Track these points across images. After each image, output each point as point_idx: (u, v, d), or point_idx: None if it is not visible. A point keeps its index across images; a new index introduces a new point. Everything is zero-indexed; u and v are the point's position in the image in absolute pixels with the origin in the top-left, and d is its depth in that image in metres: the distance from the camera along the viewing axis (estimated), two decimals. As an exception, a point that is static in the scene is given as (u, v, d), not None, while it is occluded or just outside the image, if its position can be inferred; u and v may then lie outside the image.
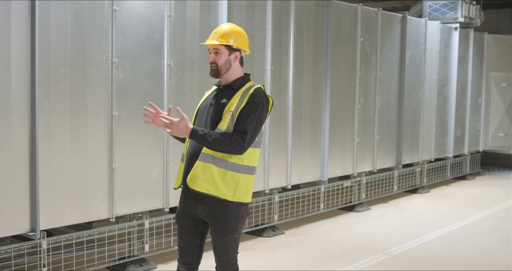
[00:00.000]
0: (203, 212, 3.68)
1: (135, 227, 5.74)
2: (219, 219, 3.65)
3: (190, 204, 3.72)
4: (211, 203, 3.64)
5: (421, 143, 10.28)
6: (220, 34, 3.72)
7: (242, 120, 3.60)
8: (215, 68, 3.70)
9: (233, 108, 3.62)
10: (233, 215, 3.65)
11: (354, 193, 8.78)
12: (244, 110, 3.61)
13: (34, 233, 4.79)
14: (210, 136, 3.52)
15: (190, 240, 3.77)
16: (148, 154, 5.67)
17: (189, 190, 3.67)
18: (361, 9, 8.51)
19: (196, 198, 3.67)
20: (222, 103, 3.67)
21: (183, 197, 3.80)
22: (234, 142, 3.53)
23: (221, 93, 3.75)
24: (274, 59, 7.03)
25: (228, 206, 3.63)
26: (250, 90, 3.68)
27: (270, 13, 6.89)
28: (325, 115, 7.94)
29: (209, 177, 3.58)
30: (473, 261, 6.36)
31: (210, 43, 3.71)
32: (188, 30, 5.95)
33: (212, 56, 3.71)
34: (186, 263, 3.81)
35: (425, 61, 10.26)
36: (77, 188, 5.10)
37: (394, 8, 13.62)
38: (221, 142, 3.52)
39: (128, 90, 5.45)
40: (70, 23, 4.96)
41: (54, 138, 4.91)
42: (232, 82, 3.74)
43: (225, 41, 3.69)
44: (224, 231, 3.66)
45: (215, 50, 3.70)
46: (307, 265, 6.07)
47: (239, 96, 3.67)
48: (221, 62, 3.69)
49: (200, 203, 3.67)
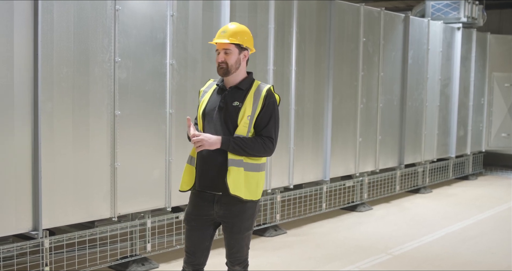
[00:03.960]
0: (219, 212, 3.70)
1: (137, 226, 5.74)
2: (236, 217, 3.69)
3: (204, 206, 3.72)
4: (229, 202, 3.67)
5: (423, 143, 10.27)
6: (230, 33, 3.69)
7: (264, 124, 3.68)
8: (225, 67, 3.68)
9: (250, 112, 3.65)
10: (249, 212, 3.73)
11: (356, 193, 8.77)
12: (263, 114, 3.67)
13: (36, 232, 4.80)
14: (243, 144, 3.59)
15: (200, 241, 3.78)
16: (151, 153, 5.68)
17: (202, 191, 3.69)
18: (363, 9, 8.50)
19: (212, 199, 3.69)
20: (235, 106, 3.66)
21: (195, 199, 3.77)
22: (266, 146, 3.65)
23: (230, 94, 3.71)
24: (277, 59, 7.03)
25: (246, 204, 3.70)
26: (263, 92, 3.71)
27: (272, 13, 6.89)
28: (327, 115, 7.94)
29: (242, 181, 3.64)
30: (475, 261, 6.35)
31: (221, 42, 3.67)
32: (190, 30, 5.95)
33: (222, 55, 3.68)
34: (193, 264, 3.81)
35: (427, 61, 10.25)
36: (80, 187, 5.11)
37: (397, 8, 13.60)
38: (254, 148, 3.62)
39: (131, 90, 5.46)
40: (73, 22, 4.96)
41: (57, 137, 4.92)
42: (239, 83, 3.73)
43: (236, 40, 3.68)
44: (241, 229, 3.72)
45: (225, 49, 3.68)
46: (309, 265, 6.06)
47: (252, 99, 3.68)
48: (231, 62, 3.69)
49: (216, 204, 3.69)
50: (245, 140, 3.62)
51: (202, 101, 3.82)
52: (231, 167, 3.61)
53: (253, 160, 3.69)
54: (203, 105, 3.80)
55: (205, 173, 3.68)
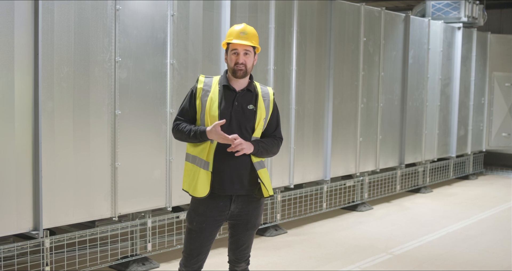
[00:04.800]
0: (234, 210, 3.74)
1: (138, 226, 5.75)
2: (252, 214, 3.78)
3: (220, 206, 3.71)
4: (246, 200, 3.75)
5: (424, 143, 10.27)
6: (251, 35, 3.70)
7: (275, 125, 3.85)
8: (244, 69, 3.67)
9: (265, 115, 3.77)
10: (262, 208, 3.86)
11: (356, 193, 8.77)
12: (273, 116, 3.83)
13: (37, 232, 4.80)
14: (267, 147, 3.75)
15: (207, 244, 3.79)
16: (151, 153, 5.68)
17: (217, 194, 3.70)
18: (364, 9, 8.50)
19: (229, 199, 3.73)
20: (250, 109, 3.72)
21: (209, 201, 3.70)
22: (279, 147, 3.86)
23: (241, 97, 3.73)
24: (277, 59, 7.03)
25: (260, 201, 3.81)
26: (270, 95, 3.83)
27: (273, 13, 6.89)
28: (328, 115, 7.94)
29: (269, 180, 3.79)
30: (475, 261, 6.35)
31: (245, 44, 3.65)
32: (191, 30, 5.95)
33: (242, 57, 3.66)
34: (193, 267, 3.79)
35: (428, 61, 10.25)
36: (80, 187, 5.11)
37: (397, 8, 13.61)
38: (273, 150, 3.81)
39: (131, 90, 5.46)
40: (73, 22, 4.97)
41: (57, 137, 4.92)
42: (249, 85, 3.77)
43: (256, 43, 3.72)
44: (255, 225, 3.81)
45: (245, 51, 3.67)
46: (310, 264, 6.07)
47: (262, 101, 3.77)
48: (250, 64, 3.71)
49: (233, 203, 3.73)
50: (267, 142, 3.76)
51: (210, 102, 3.69)
52: (260, 170, 3.73)
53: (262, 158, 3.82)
54: (213, 107, 3.68)
55: (228, 177, 3.67)
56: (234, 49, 3.67)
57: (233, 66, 3.67)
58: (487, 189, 11.01)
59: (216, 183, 3.69)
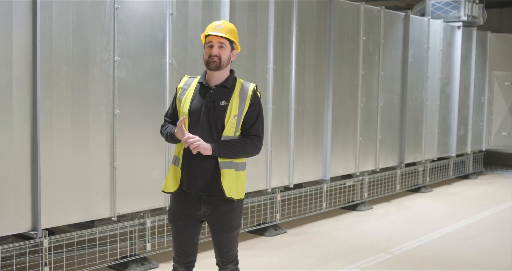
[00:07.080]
0: (206, 212, 3.68)
1: (137, 226, 5.73)
2: (225, 217, 3.67)
3: (190, 206, 3.69)
4: (217, 202, 3.65)
5: (423, 142, 10.26)
6: (228, 29, 3.65)
7: (251, 123, 3.65)
8: (218, 61, 3.61)
9: (237, 112, 3.61)
10: (238, 210, 3.73)
11: (356, 192, 8.76)
12: (250, 113, 3.64)
13: (35, 232, 4.79)
14: (233, 147, 3.56)
15: (190, 240, 3.76)
16: (150, 152, 5.67)
17: (186, 192, 3.66)
18: (363, 8, 8.49)
19: (198, 199, 3.66)
20: (222, 105, 3.61)
21: (180, 199, 3.72)
22: (255, 146, 3.64)
23: (215, 93, 3.65)
24: (277, 58, 7.01)
25: (233, 203, 3.68)
26: (249, 91, 3.68)
27: (272, 12, 6.87)
28: (327, 115, 7.93)
29: (234, 182, 3.63)
30: (475, 260, 6.34)
31: (218, 35, 3.60)
32: (190, 29, 5.93)
33: (216, 49, 3.61)
34: (185, 263, 3.80)
35: (428, 60, 10.24)
36: (79, 187, 5.09)
37: (397, 7, 13.59)
38: (244, 150, 3.61)
39: (130, 89, 5.45)
40: (72, 21, 4.95)
41: (56, 137, 4.91)
42: (225, 81, 3.68)
43: (232, 37, 3.66)
44: (230, 228, 3.70)
45: (220, 43, 3.62)
46: (310, 264, 6.05)
47: (238, 98, 3.64)
48: (225, 57, 3.64)
49: (203, 204, 3.66)
50: (235, 143, 3.59)
51: (184, 100, 3.70)
52: (223, 169, 3.59)
53: (241, 160, 3.69)
54: (186, 104, 3.68)
55: (193, 175, 3.63)
56: (209, 41, 3.64)
57: (207, 58, 3.63)
58: (487, 188, 11.00)
59: (184, 180, 3.67)
